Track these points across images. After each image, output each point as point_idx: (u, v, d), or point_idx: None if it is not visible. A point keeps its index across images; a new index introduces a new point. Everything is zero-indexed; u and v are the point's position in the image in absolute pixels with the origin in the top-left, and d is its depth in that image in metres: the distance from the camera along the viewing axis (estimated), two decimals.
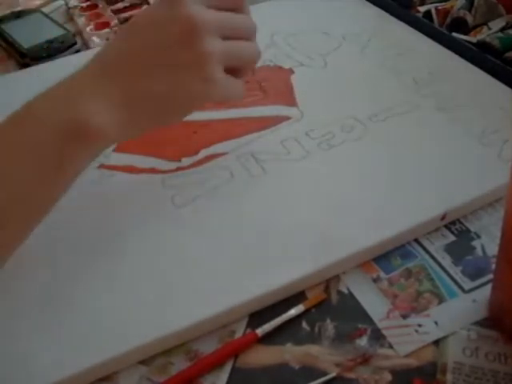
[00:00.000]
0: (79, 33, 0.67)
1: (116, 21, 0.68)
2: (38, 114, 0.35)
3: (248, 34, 0.40)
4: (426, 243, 0.41)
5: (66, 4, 0.72)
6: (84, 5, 0.72)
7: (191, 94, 0.37)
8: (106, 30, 0.67)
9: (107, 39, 0.65)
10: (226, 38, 0.38)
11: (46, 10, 0.72)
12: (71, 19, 0.70)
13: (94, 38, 0.65)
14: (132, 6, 0.71)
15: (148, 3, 0.71)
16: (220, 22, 0.38)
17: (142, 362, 0.35)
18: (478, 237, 0.41)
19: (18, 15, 0.68)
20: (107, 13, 0.70)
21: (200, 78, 0.37)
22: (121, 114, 0.35)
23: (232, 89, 0.40)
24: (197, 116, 0.50)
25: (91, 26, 0.67)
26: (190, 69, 0.36)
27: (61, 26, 0.66)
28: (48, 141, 0.34)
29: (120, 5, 0.71)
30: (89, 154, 0.36)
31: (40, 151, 0.34)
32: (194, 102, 0.39)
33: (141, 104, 0.36)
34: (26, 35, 0.64)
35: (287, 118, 0.50)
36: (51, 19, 0.67)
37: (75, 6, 0.72)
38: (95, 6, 0.72)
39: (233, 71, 0.39)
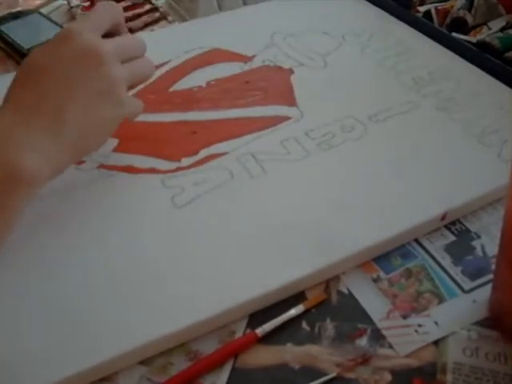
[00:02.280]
0: None
1: None
2: None
3: (140, 52, 0.44)
4: (426, 243, 0.41)
5: (69, 3, 0.72)
6: (86, 4, 0.72)
7: (106, 120, 0.40)
8: None
9: None
10: (123, 61, 0.41)
11: (45, 9, 0.72)
12: (73, 18, 0.70)
13: None
14: (134, 5, 0.71)
15: (151, 3, 0.71)
16: (118, 47, 0.41)
17: (142, 362, 0.35)
18: (478, 237, 0.41)
19: (17, 16, 0.68)
20: None
21: (112, 103, 0.40)
22: (48, 152, 0.37)
23: (135, 106, 0.44)
24: (197, 116, 0.51)
25: None
26: (102, 96, 0.39)
27: (60, 26, 0.66)
28: None
29: (122, 4, 0.71)
30: (25, 194, 0.36)
31: None
32: (110, 126, 0.41)
33: (64, 139, 0.38)
34: (26, 36, 0.64)
35: (287, 118, 0.50)
36: (50, 19, 0.67)
37: (77, 6, 0.72)
38: None
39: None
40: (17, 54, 0.62)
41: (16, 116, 0.37)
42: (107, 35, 0.42)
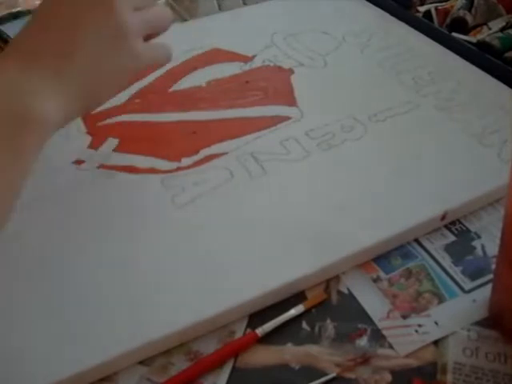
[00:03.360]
0: None
1: None
2: None
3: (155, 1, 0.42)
4: (426, 243, 0.41)
5: None
6: None
7: (118, 69, 0.39)
8: None
9: None
10: (137, 9, 0.39)
11: None
12: None
13: None
14: None
15: None
16: None
17: (142, 362, 0.35)
18: (478, 237, 0.41)
19: (16, 16, 0.68)
20: None
21: (124, 52, 0.38)
22: (58, 96, 0.35)
23: (154, 56, 0.42)
24: (197, 116, 0.51)
25: None
26: (113, 44, 0.38)
27: None
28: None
29: None
30: (36, 137, 0.35)
31: None
32: (122, 77, 0.40)
33: (72, 86, 0.36)
34: None
35: (287, 118, 0.50)
36: None
37: None
38: None
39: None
40: None
41: (17, 62, 0.35)
42: None
